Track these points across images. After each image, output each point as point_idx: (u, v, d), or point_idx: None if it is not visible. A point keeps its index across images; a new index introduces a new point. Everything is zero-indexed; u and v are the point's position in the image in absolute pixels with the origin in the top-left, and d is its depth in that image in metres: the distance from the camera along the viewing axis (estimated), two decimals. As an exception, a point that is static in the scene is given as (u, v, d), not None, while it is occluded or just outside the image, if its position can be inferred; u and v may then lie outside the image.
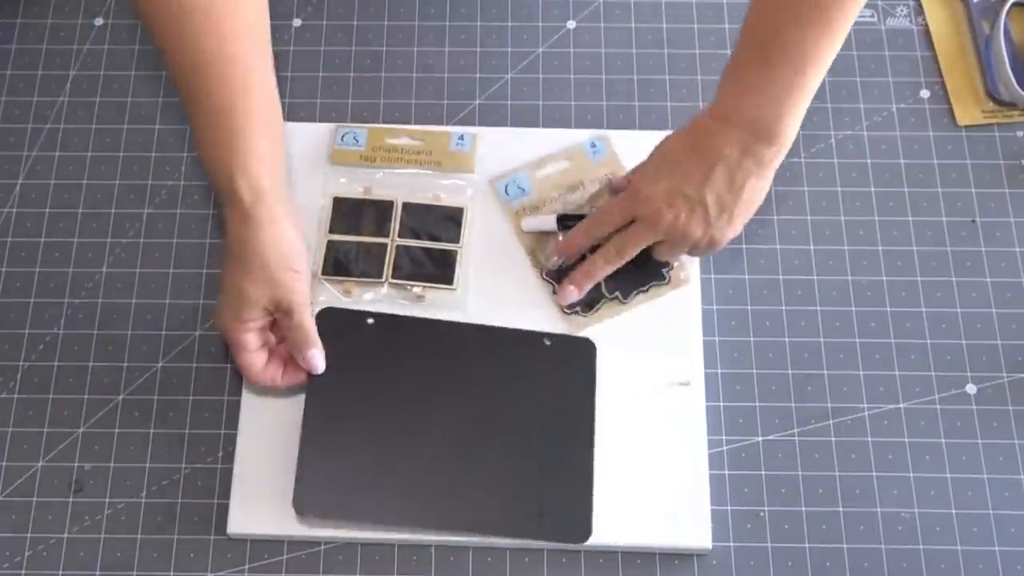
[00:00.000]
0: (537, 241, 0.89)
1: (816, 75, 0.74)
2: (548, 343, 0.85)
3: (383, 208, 0.90)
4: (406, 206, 0.90)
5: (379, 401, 0.83)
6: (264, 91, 0.78)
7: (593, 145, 0.92)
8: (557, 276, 0.87)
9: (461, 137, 0.92)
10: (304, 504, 0.80)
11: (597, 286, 0.86)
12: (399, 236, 0.89)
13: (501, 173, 0.92)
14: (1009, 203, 0.93)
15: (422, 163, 0.92)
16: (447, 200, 0.90)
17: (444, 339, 0.85)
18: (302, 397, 0.83)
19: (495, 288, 0.88)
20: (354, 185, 0.91)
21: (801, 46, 0.73)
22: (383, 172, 0.91)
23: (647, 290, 0.87)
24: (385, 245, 0.89)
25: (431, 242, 0.89)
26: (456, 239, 0.89)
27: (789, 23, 0.73)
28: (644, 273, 0.87)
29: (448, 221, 0.89)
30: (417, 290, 0.88)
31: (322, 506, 0.80)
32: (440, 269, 0.88)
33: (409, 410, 0.82)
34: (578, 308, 0.87)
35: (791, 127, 0.76)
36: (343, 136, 0.92)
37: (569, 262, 0.86)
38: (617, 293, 0.87)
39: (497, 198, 0.91)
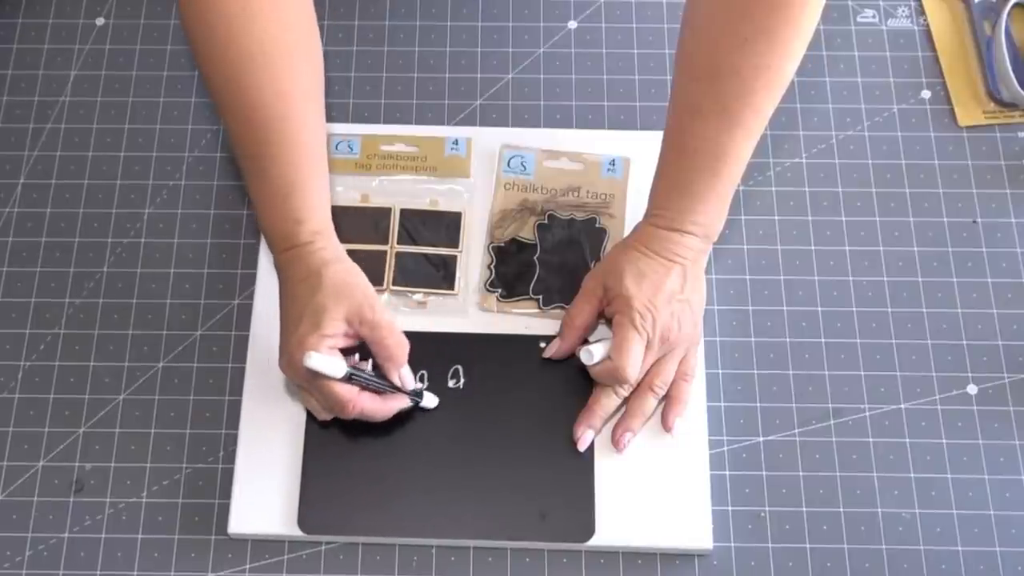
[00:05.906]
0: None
1: (741, 171, 0.79)
2: (543, 345, 0.85)
3: (381, 216, 0.90)
4: (404, 213, 0.90)
5: None
6: (320, 135, 0.80)
7: (612, 163, 0.92)
8: (504, 287, 0.87)
9: (455, 142, 0.92)
10: (310, 523, 0.80)
11: (529, 275, 0.87)
12: (398, 243, 0.89)
13: (514, 144, 0.92)
14: (1010, 204, 0.92)
15: (417, 169, 0.92)
16: (444, 205, 0.90)
17: (440, 350, 0.85)
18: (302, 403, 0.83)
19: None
20: (351, 193, 0.91)
21: (740, 160, 0.78)
22: (379, 180, 0.91)
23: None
24: (384, 252, 0.88)
25: (430, 248, 0.89)
26: (455, 244, 0.89)
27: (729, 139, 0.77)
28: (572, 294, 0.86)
29: (447, 226, 0.89)
30: (418, 296, 0.87)
31: (328, 523, 0.81)
32: (441, 275, 0.88)
33: (409, 423, 0.83)
34: (499, 291, 0.87)
35: (722, 221, 0.81)
36: (337, 144, 0.92)
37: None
38: (540, 296, 0.87)
39: (496, 164, 0.91)
